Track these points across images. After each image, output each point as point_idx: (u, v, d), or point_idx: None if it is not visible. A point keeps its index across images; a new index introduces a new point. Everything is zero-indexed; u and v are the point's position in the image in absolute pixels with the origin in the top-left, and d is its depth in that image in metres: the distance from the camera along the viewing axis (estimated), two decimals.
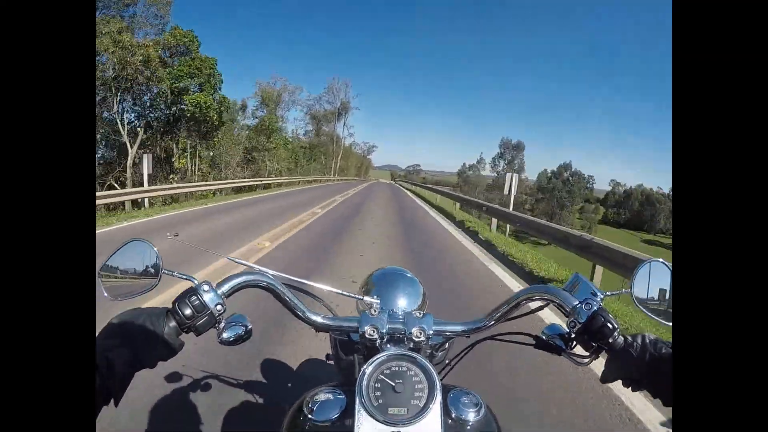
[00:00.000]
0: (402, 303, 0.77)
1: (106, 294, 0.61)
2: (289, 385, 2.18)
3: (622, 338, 0.58)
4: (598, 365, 0.61)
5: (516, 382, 2.36)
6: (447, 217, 12.46)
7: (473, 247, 7.14)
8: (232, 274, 0.64)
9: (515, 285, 4.78)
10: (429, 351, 0.73)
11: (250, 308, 2.81)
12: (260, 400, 1.91)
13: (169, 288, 2.07)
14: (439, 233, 8.92)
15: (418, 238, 7.89)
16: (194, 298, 0.58)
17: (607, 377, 0.60)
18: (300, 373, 2.22)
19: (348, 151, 64.88)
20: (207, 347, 2.16)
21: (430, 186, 34.14)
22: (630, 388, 0.58)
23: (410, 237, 7.98)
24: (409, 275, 0.85)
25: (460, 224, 10.55)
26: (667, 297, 0.62)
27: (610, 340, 0.57)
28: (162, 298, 2.44)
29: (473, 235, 8.81)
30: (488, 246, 7.39)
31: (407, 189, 34.35)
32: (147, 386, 1.93)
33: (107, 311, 0.58)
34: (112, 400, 0.50)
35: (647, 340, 0.56)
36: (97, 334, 0.53)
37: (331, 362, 0.88)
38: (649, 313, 0.62)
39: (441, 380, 0.74)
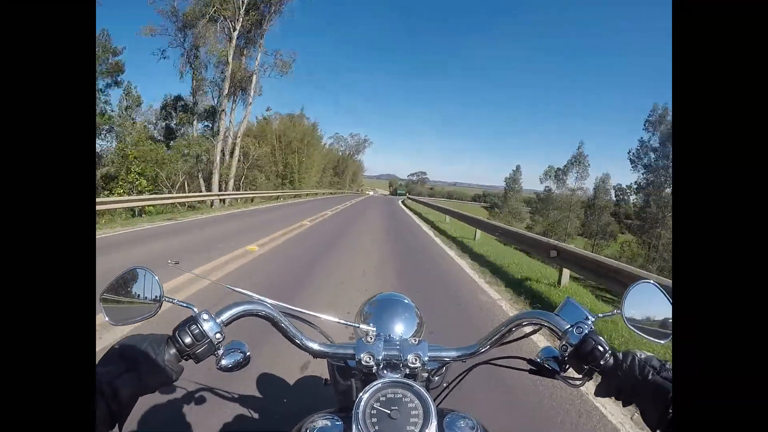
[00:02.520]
0: (399, 329, 0.78)
1: (107, 319, 0.63)
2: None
3: (613, 359, 0.59)
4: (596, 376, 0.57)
5: None
6: None
7: None
8: (231, 303, 0.66)
9: None
10: (426, 376, 0.75)
11: None
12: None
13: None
14: None
15: None
16: (194, 326, 0.59)
17: (599, 392, 0.61)
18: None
19: (305, 133, 31.56)
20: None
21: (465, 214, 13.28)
22: (622, 402, 0.59)
23: None
24: (406, 301, 0.86)
25: None
26: (657, 317, 0.64)
27: (602, 362, 0.59)
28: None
29: None
30: None
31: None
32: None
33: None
34: (116, 426, 0.52)
35: (636, 360, 0.57)
36: (99, 358, 0.54)
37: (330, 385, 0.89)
38: (641, 333, 0.63)
39: (438, 405, 0.73)
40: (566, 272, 5.31)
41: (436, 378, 0.78)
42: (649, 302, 0.64)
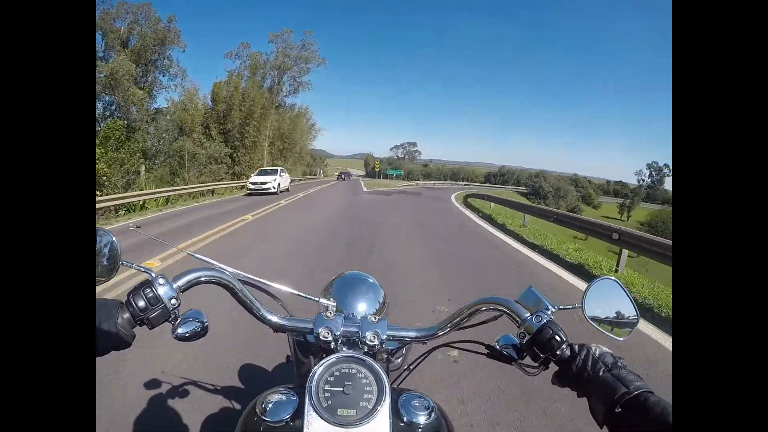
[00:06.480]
0: (362, 308, 0.78)
1: None
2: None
3: (569, 350, 0.59)
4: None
5: None
6: None
7: None
8: (190, 269, 0.64)
9: None
10: (385, 356, 0.74)
11: None
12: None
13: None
14: None
15: None
16: (148, 290, 0.57)
17: (555, 381, 0.61)
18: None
19: None
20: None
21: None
22: (576, 394, 0.59)
23: None
24: (371, 280, 0.86)
25: None
26: (617, 313, 0.65)
27: (558, 352, 0.59)
28: None
29: None
30: None
31: None
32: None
33: None
34: None
35: (590, 355, 0.57)
36: None
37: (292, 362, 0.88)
38: (600, 329, 0.64)
39: (398, 385, 0.72)
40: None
41: (398, 360, 0.77)
42: (610, 299, 0.66)
